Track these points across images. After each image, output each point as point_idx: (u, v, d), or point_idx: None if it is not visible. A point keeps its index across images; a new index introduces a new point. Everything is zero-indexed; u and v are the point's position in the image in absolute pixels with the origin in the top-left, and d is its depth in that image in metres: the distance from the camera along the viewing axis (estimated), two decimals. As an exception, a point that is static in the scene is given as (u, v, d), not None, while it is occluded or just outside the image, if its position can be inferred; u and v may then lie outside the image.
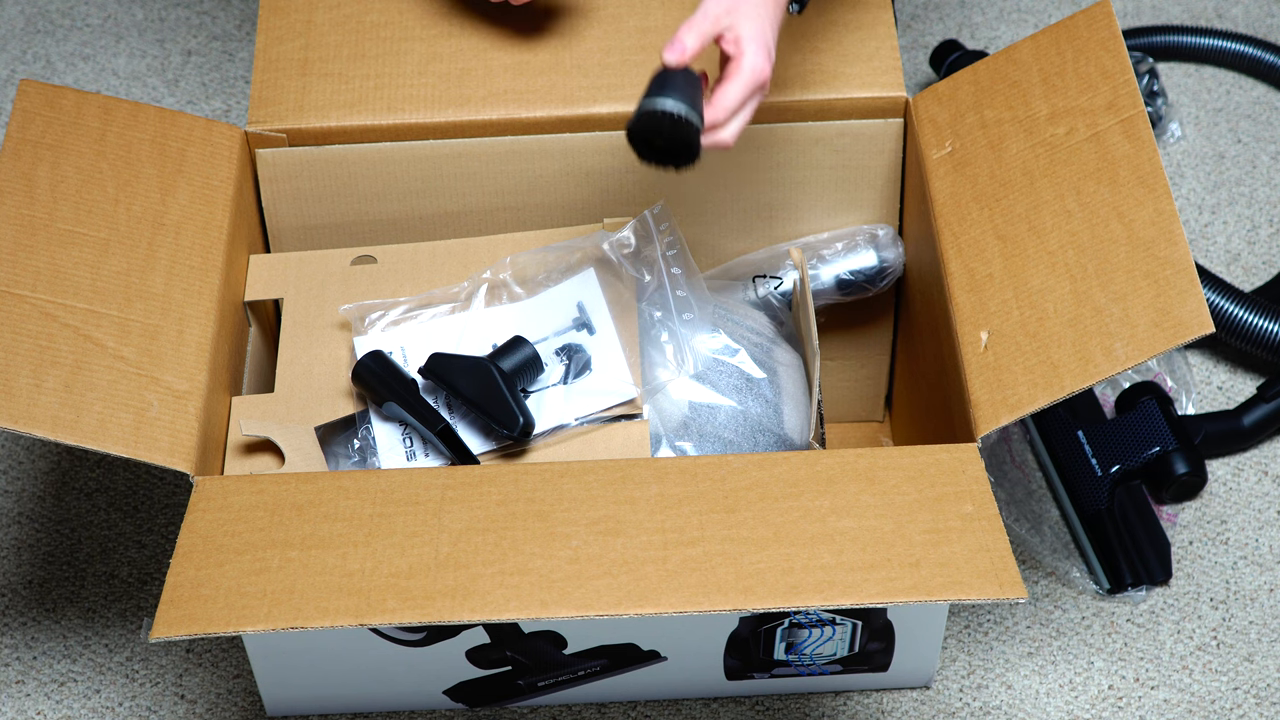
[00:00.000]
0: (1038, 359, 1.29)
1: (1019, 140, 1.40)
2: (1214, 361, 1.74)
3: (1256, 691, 1.50)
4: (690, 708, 1.49)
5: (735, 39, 1.26)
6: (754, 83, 1.26)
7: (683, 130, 1.23)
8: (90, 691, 1.51)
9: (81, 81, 2.00)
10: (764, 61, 1.26)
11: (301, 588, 1.20)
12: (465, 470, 1.28)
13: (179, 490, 1.64)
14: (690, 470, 1.27)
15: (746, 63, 1.26)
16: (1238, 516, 1.62)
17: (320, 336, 1.43)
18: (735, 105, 1.26)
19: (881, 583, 1.19)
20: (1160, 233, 1.31)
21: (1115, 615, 1.55)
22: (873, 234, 1.54)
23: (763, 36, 1.26)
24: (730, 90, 1.26)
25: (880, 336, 1.64)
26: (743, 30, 1.26)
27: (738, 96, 1.26)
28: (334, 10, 1.53)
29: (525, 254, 1.46)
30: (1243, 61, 1.96)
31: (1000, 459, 1.66)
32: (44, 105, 1.42)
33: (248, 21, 2.05)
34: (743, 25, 1.26)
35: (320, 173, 1.49)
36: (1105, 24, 1.41)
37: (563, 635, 1.39)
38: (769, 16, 1.28)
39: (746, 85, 1.26)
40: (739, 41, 1.26)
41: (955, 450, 1.28)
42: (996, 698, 1.50)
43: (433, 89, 1.49)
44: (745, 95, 1.26)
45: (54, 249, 1.35)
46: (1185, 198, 1.86)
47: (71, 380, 1.29)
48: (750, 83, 1.26)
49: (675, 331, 1.42)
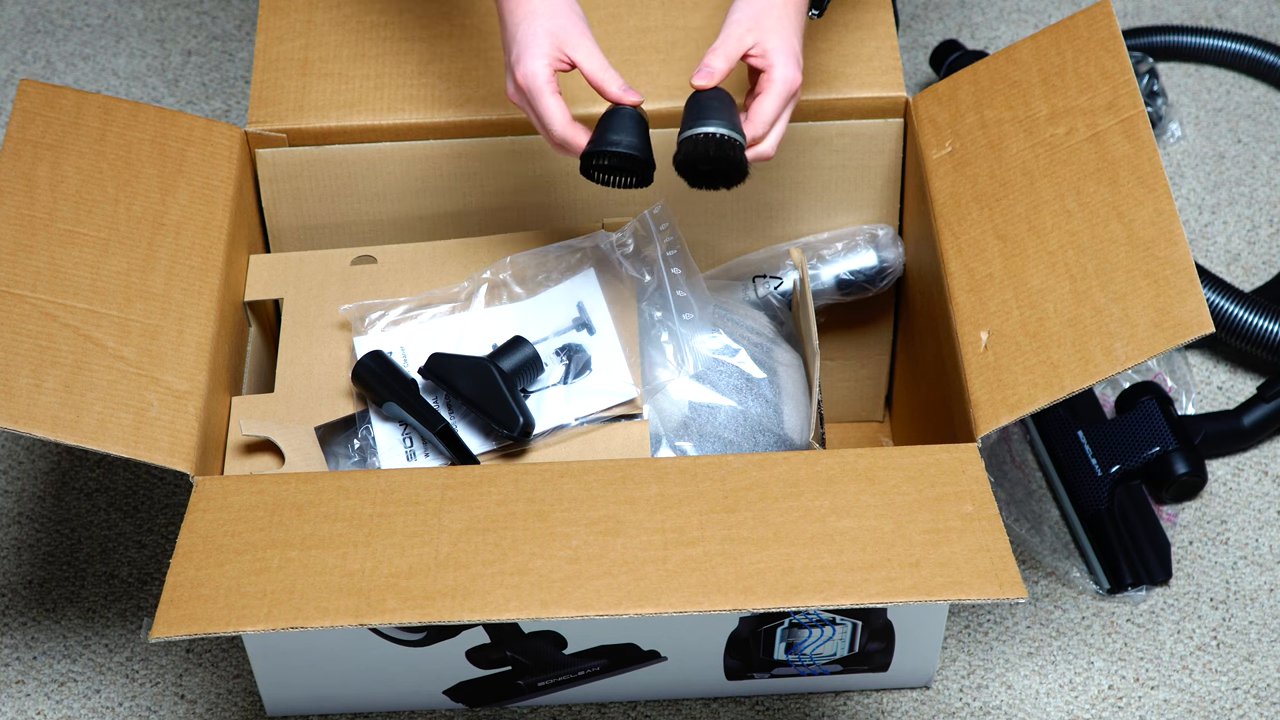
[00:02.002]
0: (1038, 359, 1.29)
1: (1019, 140, 1.40)
2: (1214, 361, 1.74)
3: (1256, 691, 1.50)
4: (690, 708, 1.49)
5: (763, 53, 1.28)
6: (787, 92, 1.29)
7: (728, 149, 1.26)
8: (90, 691, 1.51)
9: (81, 81, 2.00)
10: (794, 70, 1.28)
11: (301, 588, 1.20)
12: (465, 470, 1.28)
13: (179, 490, 1.64)
14: (690, 470, 1.27)
15: (778, 73, 1.28)
16: (1238, 516, 1.62)
17: (320, 336, 1.43)
18: (772, 117, 1.28)
19: (881, 583, 1.19)
20: (1160, 233, 1.31)
21: (1115, 615, 1.55)
22: (873, 234, 1.54)
23: (789, 46, 1.29)
24: (766, 103, 1.28)
25: (880, 336, 1.64)
26: (769, 44, 1.28)
27: (774, 108, 1.28)
28: (334, 10, 1.53)
29: (525, 254, 1.46)
30: (1243, 61, 1.96)
31: (1000, 459, 1.66)
32: (44, 105, 1.42)
33: (248, 21, 2.05)
34: (768, 39, 1.28)
35: (320, 173, 1.49)
36: (1105, 24, 1.41)
37: (563, 635, 1.39)
38: (792, 26, 1.30)
39: (781, 96, 1.28)
40: (767, 54, 1.28)
41: (955, 450, 1.28)
42: (996, 698, 1.50)
43: (433, 89, 1.49)
44: (781, 105, 1.29)
45: (54, 249, 1.35)
46: (1185, 198, 1.86)
47: (71, 380, 1.29)
48: (784, 93, 1.28)
49: (675, 331, 1.42)
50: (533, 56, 1.26)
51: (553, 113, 1.27)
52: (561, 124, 1.27)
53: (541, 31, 1.27)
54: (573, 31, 1.28)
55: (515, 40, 1.27)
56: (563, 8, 1.28)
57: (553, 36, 1.27)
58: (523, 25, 1.27)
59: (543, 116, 1.27)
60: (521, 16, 1.28)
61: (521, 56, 1.27)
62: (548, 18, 1.27)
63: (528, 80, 1.26)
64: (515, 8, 1.28)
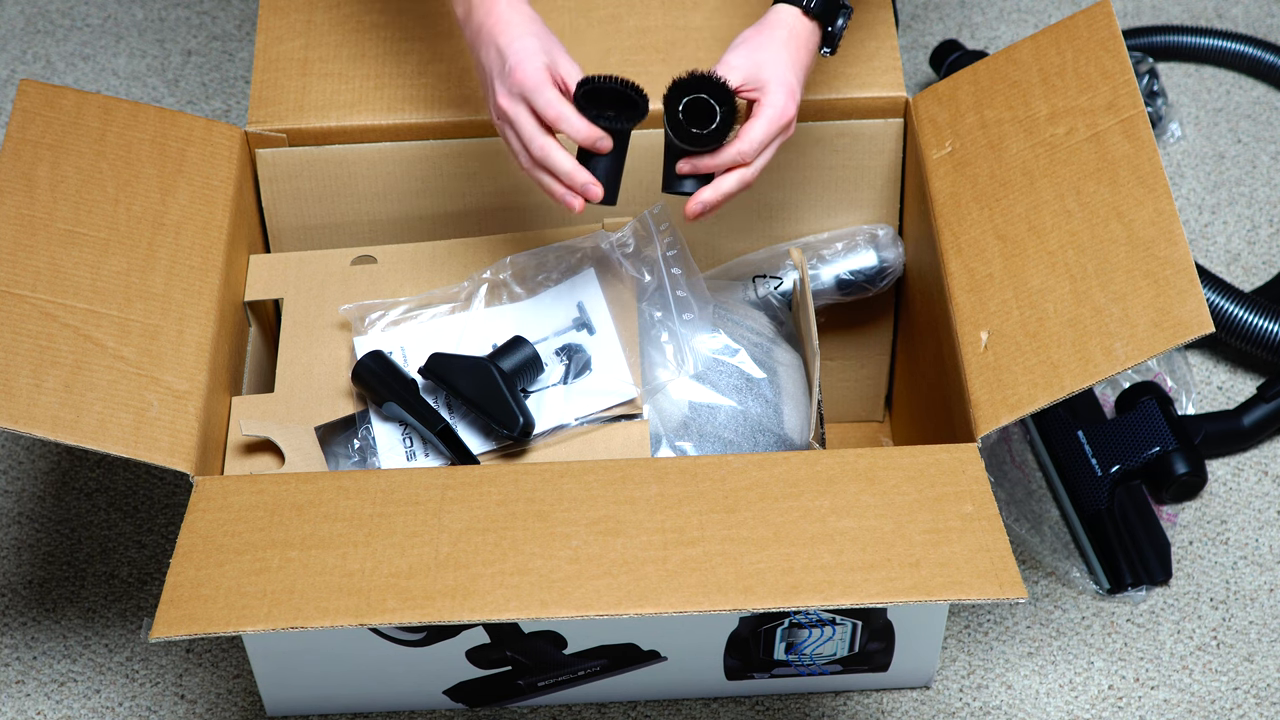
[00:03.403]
0: (1038, 359, 1.29)
1: (1019, 140, 1.40)
2: (1214, 361, 1.74)
3: (1256, 691, 1.50)
4: (690, 708, 1.49)
5: (757, 84, 1.29)
6: (779, 121, 1.29)
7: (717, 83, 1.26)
8: (90, 691, 1.51)
9: (81, 81, 2.00)
10: (787, 101, 1.29)
11: (301, 588, 1.20)
12: (465, 470, 1.28)
13: (179, 490, 1.64)
14: (690, 470, 1.27)
15: (769, 100, 1.29)
16: (1238, 516, 1.62)
17: (320, 336, 1.43)
18: (761, 140, 1.29)
19: (881, 583, 1.19)
20: (1160, 233, 1.31)
21: (1115, 615, 1.55)
22: (873, 234, 1.54)
23: (784, 78, 1.30)
24: (756, 127, 1.29)
25: (880, 336, 1.64)
26: (764, 75, 1.30)
27: (764, 132, 1.29)
28: (334, 10, 1.54)
29: (525, 254, 1.46)
30: (1243, 61, 1.96)
31: (1000, 459, 1.66)
32: (44, 105, 1.42)
33: (248, 21, 2.05)
34: (764, 71, 1.30)
35: (320, 173, 1.49)
36: (1105, 24, 1.41)
37: (563, 635, 1.39)
38: (792, 61, 1.31)
39: (771, 122, 1.29)
40: (763, 87, 1.29)
41: (955, 450, 1.28)
42: (996, 698, 1.50)
43: (433, 89, 1.49)
44: (771, 133, 1.30)
45: (54, 249, 1.35)
46: (1185, 198, 1.86)
47: (71, 380, 1.29)
48: (775, 120, 1.29)
49: (675, 331, 1.42)
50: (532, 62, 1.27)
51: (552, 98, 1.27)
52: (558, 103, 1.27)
53: (535, 46, 1.28)
54: (558, 47, 1.29)
55: (508, 53, 1.28)
56: (545, 30, 1.30)
57: (545, 52, 1.28)
58: (516, 41, 1.28)
59: (543, 110, 1.27)
60: (512, 37, 1.28)
61: (521, 62, 1.27)
62: (538, 37, 1.29)
63: (529, 79, 1.26)
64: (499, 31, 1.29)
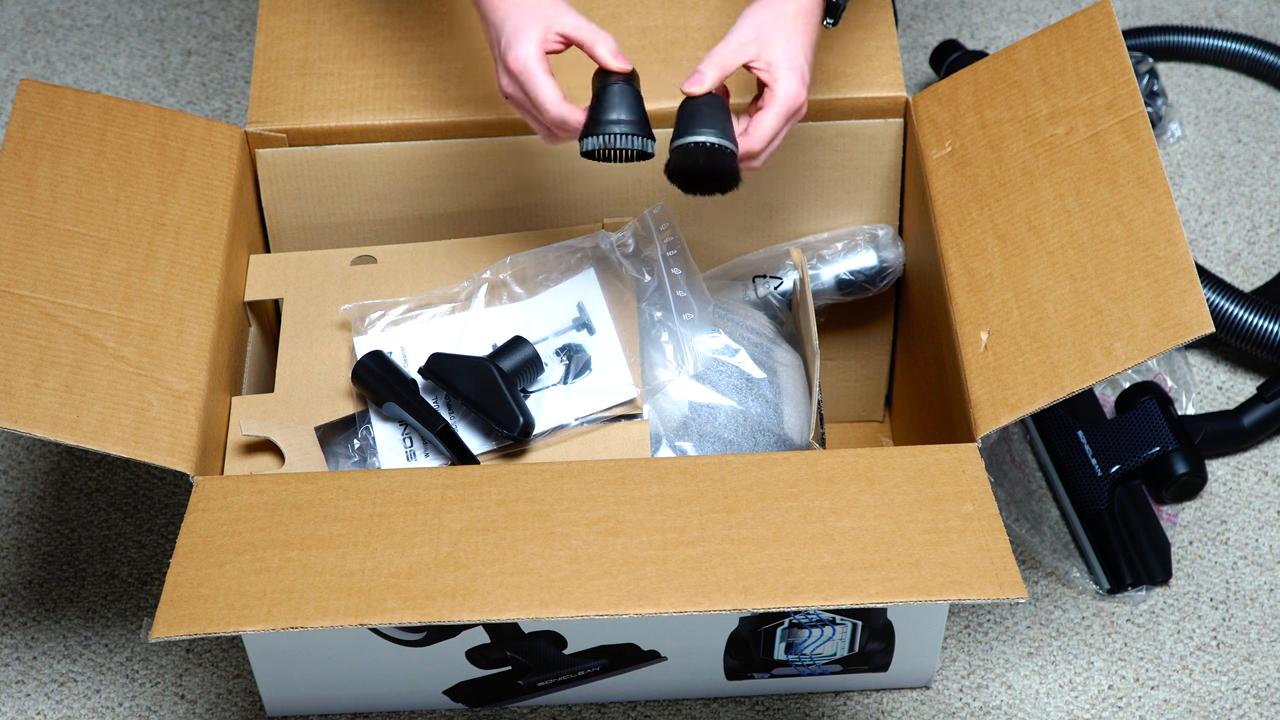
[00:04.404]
0: (1038, 359, 1.29)
1: (1019, 140, 1.40)
2: (1214, 361, 1.74)
3: (1256, 691, 1.50)
4: (690, 708, 1.49)
5: (767, 65, 1.26)
6: (790, 109, 1.27)
7: (718, 157, 1.25)
8: (90, 691, 1.51)
9: (81, 81, 2.00)
10: (798, 86, 1.26)
11: (301, 588, 1.20)
12: (465, 470, 1.28)
13: (179, 490, 1.64)
14: (690, 470, 1.27)
15: (781, 89, 1.26)
16: (1238, 516, 1.62)
17: (320, 336, 1.43)
18: (771, 133, 1.27)
19: (881, 583, 1.19)
20: (1160, 233, 1.31)
21: (1115, 615, 1.55)
22: (873, 234, 1.54)
23: (794, 61, 1.27)
24: (767, 119, 1.26)
25: (880, 336, 1.64)
26: (773, 56, 1.26)
27: (774, 124, 1.27)
28: (334, 10, 1.53)
29: (525, 254, 1.46)
30: (1243, 61, 1.96)
31: (1000, 459, 1.66)
32: (44, 105, 1.42)
33: (248, 21, 2.05)
34: (772, 51, 1.26)
35: (320, 173, 1.49)
36: (1105, 24, 1.41)
37: (563, 635, 1.39)
38: (799, 38, 1.28)
39: (782, 113, 1.27)
40: (771, 68, 1.26)
41: (955, 450, 1.28)
42: (996, 698, 1.50)
43: (433, 89, 1.49)
44: (781, 123, 1.27)
45: (54, 249, 1.35)
46: (1185, 198, 1.86)
47: (71, 380, 1.29)
48: (786, 110, 1.27)
49: (675, 331, 1.42)
50: (523, 41, 1.26)
51: (546, 93, 1.26)
52: (556, 103, 1.26)
53: (528, 18, 1.27)
54: (558, 8, 1.27)
55: (503, 30, 1.27)
56: None
57: (540, 19, 1.27)
58: (510, 16, 1.27)
59: (536, 98, 1.27)
60: (508, 10, 1.27)
61: (512, 42, 1.26)
62: (530, 7, 1.27)
63: (520, 64, 1.26)
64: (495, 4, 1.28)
